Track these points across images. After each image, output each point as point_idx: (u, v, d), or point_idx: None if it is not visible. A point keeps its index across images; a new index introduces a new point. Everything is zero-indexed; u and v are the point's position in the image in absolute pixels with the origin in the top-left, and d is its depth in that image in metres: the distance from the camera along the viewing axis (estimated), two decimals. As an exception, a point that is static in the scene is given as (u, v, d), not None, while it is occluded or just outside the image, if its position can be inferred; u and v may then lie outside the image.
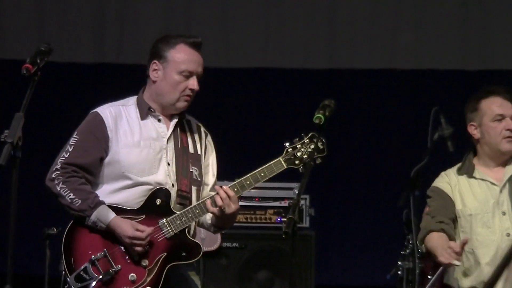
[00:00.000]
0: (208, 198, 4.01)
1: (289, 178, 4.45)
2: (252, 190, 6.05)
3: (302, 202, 6.41)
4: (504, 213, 4.38)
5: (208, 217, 4.13)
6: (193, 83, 4.07)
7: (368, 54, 7.95)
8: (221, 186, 4.00)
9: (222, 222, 4.10)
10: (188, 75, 4.06)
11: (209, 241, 6.20)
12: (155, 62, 4.04)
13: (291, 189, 6.26)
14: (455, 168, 4.54)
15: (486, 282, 4.31)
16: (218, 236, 6.22)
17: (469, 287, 4.35)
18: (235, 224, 5.89)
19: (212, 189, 4.13)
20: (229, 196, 3.99)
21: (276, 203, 6.48)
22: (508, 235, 4.36)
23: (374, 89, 7.88)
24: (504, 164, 4.48)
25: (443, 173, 4.56)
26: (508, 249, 4.25)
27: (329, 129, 3.93)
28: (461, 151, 4.62)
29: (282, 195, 6.43)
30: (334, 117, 3.91)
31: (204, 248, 5.57)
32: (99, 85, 7.58)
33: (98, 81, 7.74)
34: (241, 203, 6.09)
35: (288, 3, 8.01)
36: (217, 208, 3.97)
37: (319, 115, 3.89)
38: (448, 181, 4.51)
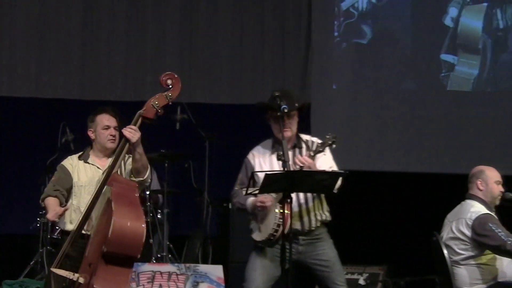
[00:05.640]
0: None
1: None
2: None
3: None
4: None
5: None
6: None
7: (65, 86, 8.61)
8: None
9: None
10: None
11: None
12: None
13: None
14: (77, 155, 5.24)
15: (84, 212, 4.78)
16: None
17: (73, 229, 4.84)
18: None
19: None
20: None
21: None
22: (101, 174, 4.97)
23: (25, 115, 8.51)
24: (108, 156, 5.15)
25: (69, 157, 5.25)
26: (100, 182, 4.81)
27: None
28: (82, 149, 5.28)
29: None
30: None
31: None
32: None
33: None
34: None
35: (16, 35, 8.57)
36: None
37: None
38: (71, 162, 5.20)
